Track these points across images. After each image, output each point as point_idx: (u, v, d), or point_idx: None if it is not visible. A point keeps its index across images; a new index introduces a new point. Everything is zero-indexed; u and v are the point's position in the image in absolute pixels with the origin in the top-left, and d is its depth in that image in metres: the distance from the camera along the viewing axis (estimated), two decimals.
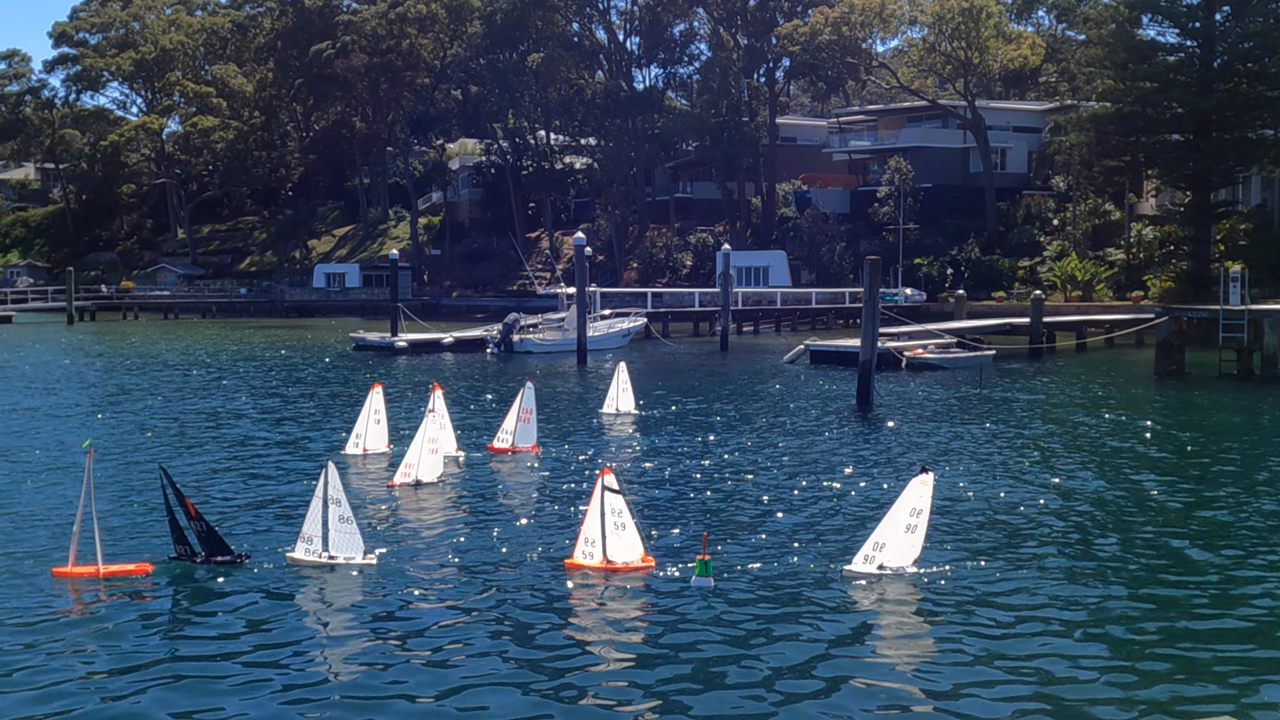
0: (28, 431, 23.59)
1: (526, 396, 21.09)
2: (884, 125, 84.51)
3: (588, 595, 12.24)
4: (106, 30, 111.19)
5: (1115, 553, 13.83)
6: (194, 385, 33.76)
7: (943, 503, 16.46)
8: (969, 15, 71.46)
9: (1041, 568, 13.05)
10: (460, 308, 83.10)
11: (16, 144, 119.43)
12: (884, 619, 11.34)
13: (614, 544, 13.02)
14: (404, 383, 34.73)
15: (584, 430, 24.40)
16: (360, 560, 13.17)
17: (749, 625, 11.01)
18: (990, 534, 14.64)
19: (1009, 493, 17.25)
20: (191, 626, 11.23)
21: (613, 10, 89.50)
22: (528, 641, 10.69)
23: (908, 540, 12.73)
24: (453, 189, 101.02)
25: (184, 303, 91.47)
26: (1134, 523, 15.49)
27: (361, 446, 20.46)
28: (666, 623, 11.18)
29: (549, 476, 18.93)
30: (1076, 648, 10.41)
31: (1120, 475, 18.99)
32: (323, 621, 11.39)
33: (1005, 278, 69.16)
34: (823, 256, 76.48)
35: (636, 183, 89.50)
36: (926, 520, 12.86)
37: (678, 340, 56.53)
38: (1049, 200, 75.06)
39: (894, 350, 38.99)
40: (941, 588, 12.22)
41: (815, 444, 22.19)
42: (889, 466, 19.58)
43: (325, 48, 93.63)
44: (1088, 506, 16.39)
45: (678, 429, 24.25)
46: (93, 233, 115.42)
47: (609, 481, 13.17)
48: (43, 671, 9.75)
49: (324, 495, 13.18)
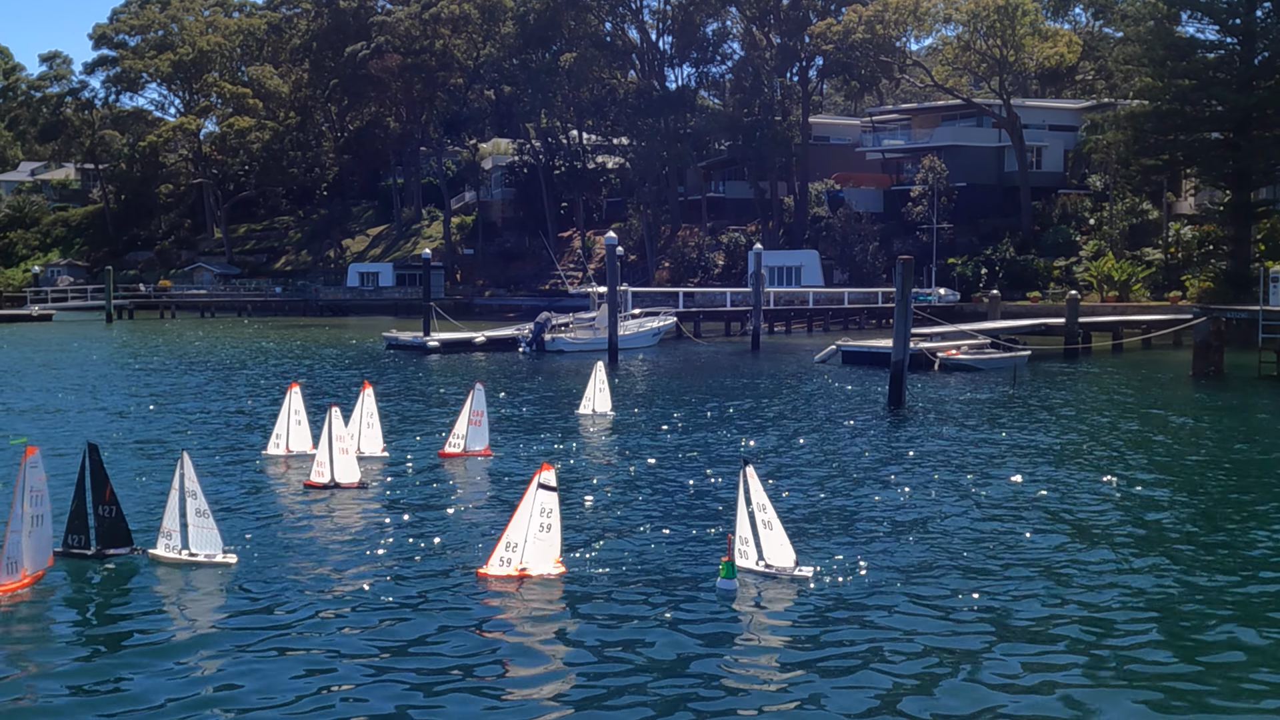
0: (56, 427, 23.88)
1: (476, 398, 20.34)
2: (918, 124, 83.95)
3: (479, 606, 11.59)
4: (145, 32, 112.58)
5: (1150, 558, 13.62)
6: (219, 384, 34.07)
7: (974, 505, 16.32)
8: (1004, 13, 70.83)
9: (1061, 572, 12.88)
10: (493, 307, 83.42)
11: (57, 145, 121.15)
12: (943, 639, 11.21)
13: (534, 549, 12.40)
14: (437, 381, 34.88)
15: (549, 432, 23.61)
16: (220, 559, 12.66)
17: (628, 619, 10.88)
18: (1021, 538, 14.47)
19: (1042, 495, 17.06)
20: (25, 634, 10.66)
21: (645, 10, 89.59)
22: (380, 655, 10.09)
23: (774, 536, 12.72)
24: (486, 188, 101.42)
25: (220, 301, 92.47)
26: (1169, 527, 15.25)
27: (284, 447, 19.79)
28: (558, 636, 10.68)
29: (489, 481, 18.23)
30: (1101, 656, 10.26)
31: (1157, 477, 18.73)
32: (159, 626, 10.90)
33: (1040, 278, 68.52)
34: (855, 256, 76.10)
35: (669, 182, 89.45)
36: (774, 513, 12.86)
37: (709, 340, 56.43)
38: (1085, 199, 74.30)
39: (927, 351, 38.70)
40: (956, 599, 12.08)
41: (845, 444, 22.04)
42: (920, 469, 19.40)
43: (360, 48, 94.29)
44: (1121, 509, 16.17)
45: (658, 431, 23.63)
46: (131, 232, 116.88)
47: (546, 478, 12.47)
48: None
49: (180, 487, 12.66)
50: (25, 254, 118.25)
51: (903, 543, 14.08)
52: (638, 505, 16.37)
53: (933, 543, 14.10)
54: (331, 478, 17.27)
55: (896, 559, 13.31)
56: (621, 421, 25.28)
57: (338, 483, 17.23)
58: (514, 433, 23.37)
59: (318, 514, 15.80)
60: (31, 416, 25.83)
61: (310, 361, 43.00)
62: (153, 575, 12.48)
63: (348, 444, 17.68)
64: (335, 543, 14.11)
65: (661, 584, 12.30)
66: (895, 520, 15.34)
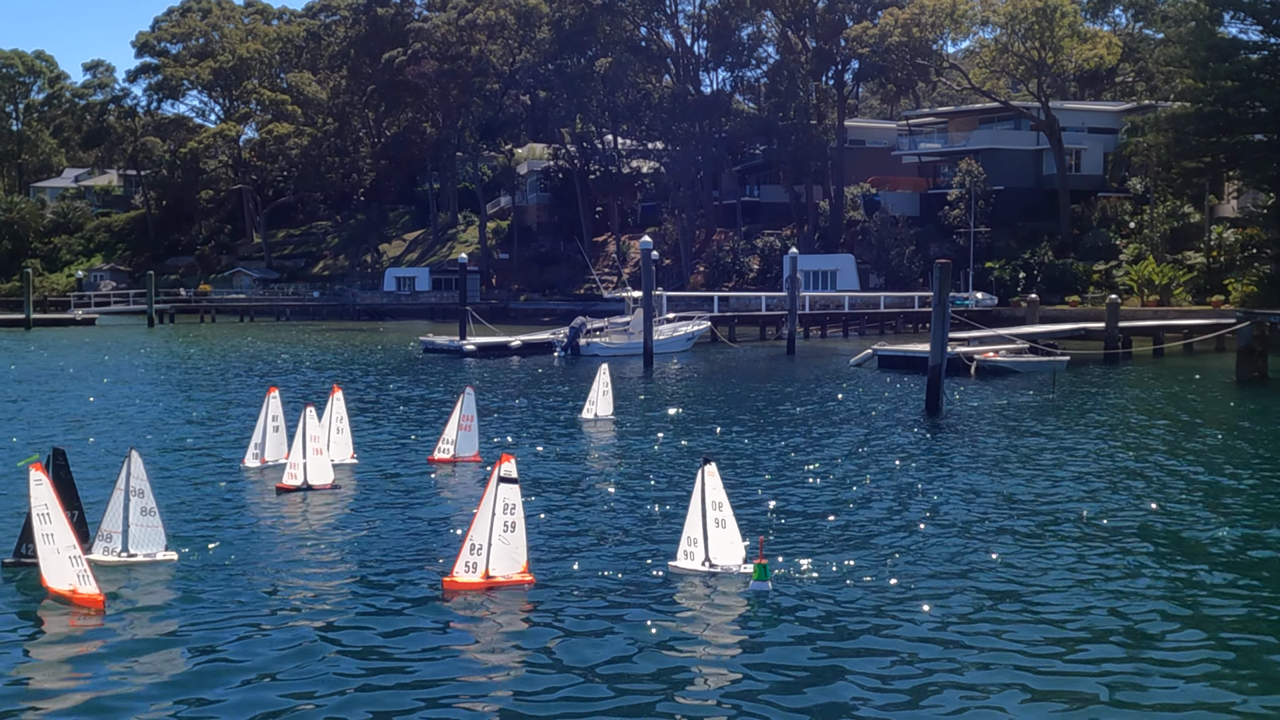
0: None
1: (466, 403, 19.88)
2: (955, 127, 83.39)
3: (442, 614, 11.24)
4: (186, 40, 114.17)
5: (1189, 567, 13.42)
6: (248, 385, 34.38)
7: (1009, 514, 16.16)
8: (1043, 15, 70.21)
9: (1094, 581, 12.71)
10: (528, 311, 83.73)
11: (101, 152, 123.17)
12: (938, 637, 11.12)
13: (498, 552, 11.91)
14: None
15: (546, 437, 23.17)
16: (160, 556, 12.45)
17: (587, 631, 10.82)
18: (1057, 544, 14.30)
19: (1080, 503, 16.85)
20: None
21: (680, 14, 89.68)
22: (330, 666, 9.80)
23: (725, 535, 12.67)
24: (521, 193, 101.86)
25: (259, 306, 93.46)
26: (1213, 539, 15.01)
27: (261, 458, 18.78)
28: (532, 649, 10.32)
29: (472, 486, 17.64)
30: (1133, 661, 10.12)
31: (1200, 486, 18.44)
32: (93, 630, 10.62)
33: (1080, 281, 67.79)
34: (892, 260, 75.67)
35: (703, 186, 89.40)
36: (730, 512, 12.78)
37: (744, 344, 56.30)
38: (1125, 202, 73.45)
39: (964, 355, 38.39)
40: (997, 596, 11.95)
41: (879, 450, 21.88)
42: (956, 476, 19.23)
43: (397, 55, 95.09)
44: (1160, 516, 15.93)
45: (658, 436, 23.27)
46: (172, 237, 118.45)
47: (507, 470, 11.90)
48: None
49: (125, 486, 12.35)
50: (69, 259, 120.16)
51: (928, 551, 13.95)
52: (613, 510, 16.06)
53: (962, 552, 13.96)
54: (304, 480, 16.81)
55: (918, 567, 13.19)
56: (623, 426, 24.96)
57: (310, 485, 16.79)
58: (510, 438, 22.90)
59: (284, 517, 15.39)
60: (79, 421, 26.17)
61: (355, 367, 43.31)
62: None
63: (322, 444, 17.25)
64: (295, 548, 13.75)
65: (627, 590, 12.00)
66: (923, 528, 15.20)
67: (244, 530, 14.73)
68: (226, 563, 12.96)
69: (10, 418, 26.25)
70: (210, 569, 12.68)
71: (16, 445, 21.20)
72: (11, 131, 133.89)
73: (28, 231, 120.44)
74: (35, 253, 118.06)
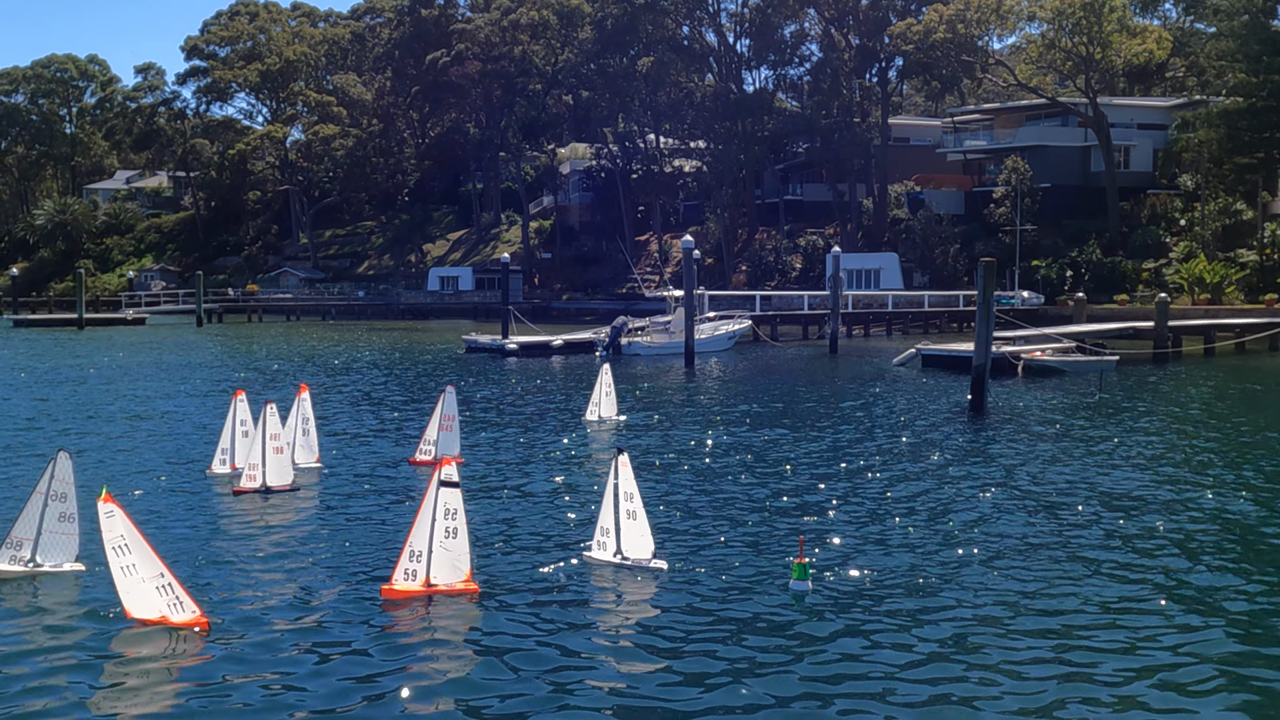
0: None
1: (448, 402, 19.23)
2: (1000, 124, 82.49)
3: (378, 624, 10.82)
4: (234, 43, 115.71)
5: (1233, 581, 13.16)
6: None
7: (1057, 513, 15.95)
8: (1091, 10, 69.20)
9: (1144, 588, 12.50)
10: (570, 310, 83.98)
11: (151, 154, 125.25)
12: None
13: (440, 559, 11.39)
14: (515, 385, 35.18)
15: (541, 439, 22.52)
16: (67, 567, 11.88)
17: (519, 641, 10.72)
18: (1102, 549, 14.10)
19: (1128, 505, 16.59)
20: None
21: (723, 13, 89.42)
22: (257, 677, 9.48)
23: (635, 527, 12.59)
24: (563, 193, 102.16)
25: (305, 305, 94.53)
26: (1267, 547, 14.72)
27: (230, 464, 18.10)
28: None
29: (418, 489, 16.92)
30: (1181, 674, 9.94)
31: (1250, 487, 18.09)
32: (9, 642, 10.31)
33: (1128, 280, 66.78)
34: (936, 259, 75.00)
35: (746, 185, 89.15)
36: (641, 503, 12.69)
37: (786, 343, 56.07)
38: (1175, 199, 72.26)
39: (1010, 354, 37.95)
40: (1026, 605, 11.80)
41: (921, 451, 21.68)
42: (1001, 476, 19.00)
43: (440, 56, 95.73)
44: (1214, 521, 15.63)
45: (666, 438, 22.77)
46: (220, 238, 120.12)
47: (448, 474, 11.43)
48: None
49: (45, 490, 11.80)
50: (120, 259, 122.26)
51: (971, 553, 13.81)
52: (572, 517, 15.58)
53: (1005, 554, 13.80)
54: (263, 482, 16.44)
55: (960, 568, 13.05)
56: (626, 427, 24.47)
57: (269, 487, 16.43)
58: (499, 439, 22.58)
59: (232, 521, 15.04)
60: (130, 424, 26.58)
61: (404, 367, 43.68)
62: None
63: (282, 443, 16.81)
64: (228, 553, 13.36)
65: (567, 600, 11.69)
66: (965, 530, 15.04)
67: (182, 536, 14.22)
68: None
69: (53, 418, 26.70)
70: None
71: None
72: (65, 134, 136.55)
73: (81, 233, 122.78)
74: (88, 253, 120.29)
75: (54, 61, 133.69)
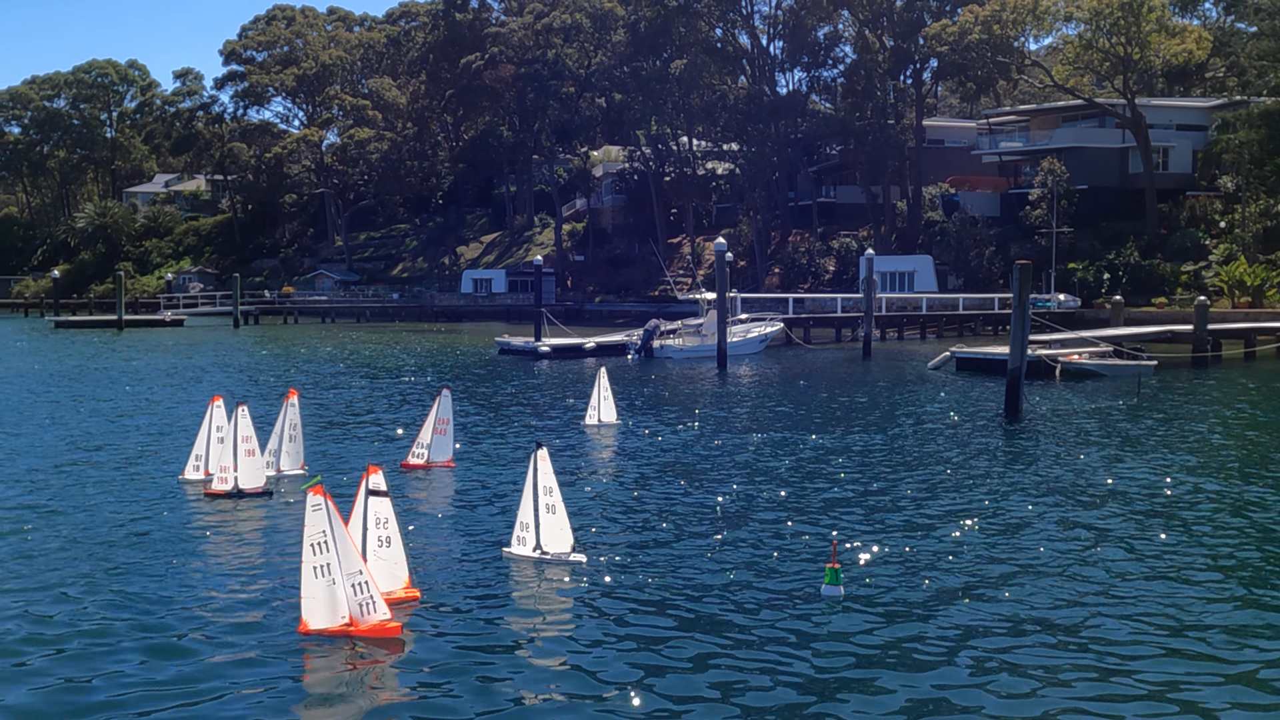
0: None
1: (442, 405, 18.88)
2: (1036, 125, 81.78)
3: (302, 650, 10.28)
4: (272, 48, 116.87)
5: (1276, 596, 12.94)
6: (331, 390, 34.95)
7: (1094, 521, 15.77)
8: (1129, 10, 68.46)
9: (1182, 605, 12.32)
10: (603, 313, 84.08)
11: (189, 157, 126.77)
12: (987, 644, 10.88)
13: (375, 569, 11.06)
14: (548, 388, 35.24)
15: (527, 442, 21.91)
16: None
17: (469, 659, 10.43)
18: (1136, 560, 13.92)
19: (1166, 511, 16.37)
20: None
21: (756, 15, 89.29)
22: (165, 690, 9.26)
23: (555, 521, 12.57)
24: (596, 195, 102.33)
25: (339, 307, 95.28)
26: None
27: (204, 470, 17.67)
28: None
29: (422, 499, 16.74)
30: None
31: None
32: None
33: (1167, 283, 66.00)
34: (971, 261, 74.47)
35: (779, 187, 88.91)
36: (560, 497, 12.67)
37: (819, 346, 55.85)
38: (1215, 201, 71.33)
39: (1047, 358, 37.59)
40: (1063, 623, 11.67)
41: (954, 456, 21.50)
42: (1036, 481, 18.81)
43: (474, 59, 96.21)
44: (1258, 531, 15.40)
45: (665, 443, 22.50)
46: (257, 240, 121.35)
47: (375, 482, 11.09)
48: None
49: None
50: (159, 262, 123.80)
51: (1004, 561, 13.67)
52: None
53: (1040, 563, 13.66)
54: (235, 485, 16.24)
55: (994, 577, 12.92)
56: (623, 432, 24.17)
57: (241, 489, 16.23)
58: (495, 443, 22.24)
59: (188, 526, 14.71)
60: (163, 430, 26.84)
61: (448, 368, 43.92)
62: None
63: (254, 446, 16.56)
64: (172, 558, 13.03)
65: (515, 613, 11.39)
66: (1000, 537, 14.90)
67: (138, 538, 13.98)
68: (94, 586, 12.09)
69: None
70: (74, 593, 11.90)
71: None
72: (105, 139, 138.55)
73: (120, 235, 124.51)
74: (128, 256, 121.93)
75: (95, 67, 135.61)
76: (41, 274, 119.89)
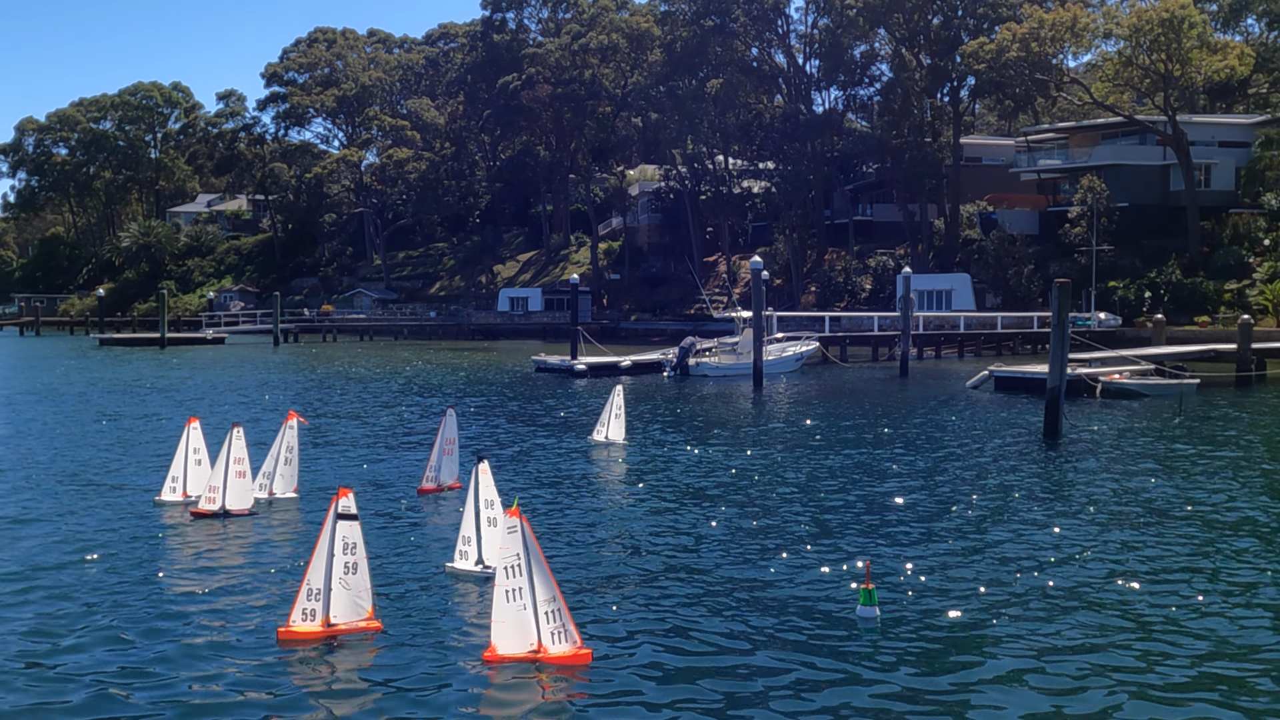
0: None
1: (448, 426, 18.68)
2: (1076, 143, 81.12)
3: (278, 669, 10.18)
4: (312, 70, 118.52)
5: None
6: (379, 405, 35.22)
7: (1134, 544, 15.58)
8: (1170, 26, 67.80)
9: (1221, 626, 12.13)
10: (638, 331, 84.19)
11: (231, 177, 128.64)
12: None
13: (339, 597, 10.82)
14: (582, 406, 35.31)
15: (546, 464, 21.99)
16: None
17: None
18: (1182, 586, 13.73)
19: (1212, 538, 16.14)
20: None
21: (792, 34, 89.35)
22: None
23: (497, 535, 12.44)
24: (632, 214, 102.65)
25: (378, 325, 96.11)
26: None
27: (181, 491, 17.60)
28: None
29: (416, 520, 16.53)
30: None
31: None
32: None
33: (1209, 301, 65.09)
34: (1009, 279, 73.86)
35: (815, 206, 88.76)
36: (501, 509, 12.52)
37: (855, 365, 55.60)
38: (1259, 219, 70.33)
39: (1087, 376, 37.21)
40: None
41: (991, 477, 21.32)
42: (1075, 503, 18.61)
43: (512, 80, 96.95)
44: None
45: (676, 463, 22.26)
46: (297, 259, 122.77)
47: (345, 506, 10.87)
48: None
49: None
50: (201, 280, 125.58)
51: (1041, 585, 13.53)
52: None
53: (1080, 588, 13.50)
54: (222, 505, 16.19)
55: (1029, 600, 12.79)
56: (629, 451, 23.99)
57: (228, 510, 16.18)
58: (503, 464, 21.92)
59: (162, 548, 14.65)
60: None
61: (484, 387, 44.14)
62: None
63: (245, 468, 16.44)
64: (142, 582, 12.96)
65: (468, 629, 11.23)
66: (1037, 561, 14.74)
67: (96, 561, 14.01)
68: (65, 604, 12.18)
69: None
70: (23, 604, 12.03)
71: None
72: (150, 159, 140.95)
73: (164, 254, 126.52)
74: (170, 274, 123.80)
75: (140, 89, 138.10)
76: (87, 292, 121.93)
